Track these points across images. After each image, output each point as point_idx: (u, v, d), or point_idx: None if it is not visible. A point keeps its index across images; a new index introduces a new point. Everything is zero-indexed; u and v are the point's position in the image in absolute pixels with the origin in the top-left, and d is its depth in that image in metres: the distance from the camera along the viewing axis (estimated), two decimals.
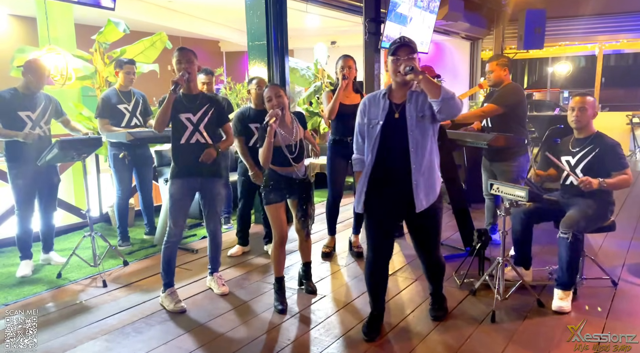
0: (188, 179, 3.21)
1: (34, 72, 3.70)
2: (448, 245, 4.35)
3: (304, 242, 3.37)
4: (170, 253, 3.23)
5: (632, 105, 10.59)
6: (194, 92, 3.20)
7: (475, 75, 10.49)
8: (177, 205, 3.21)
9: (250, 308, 3.24)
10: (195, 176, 3.22)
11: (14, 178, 3.75)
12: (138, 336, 2.89)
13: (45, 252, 4.07)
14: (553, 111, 8.21)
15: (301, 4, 5.78)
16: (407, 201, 2.67)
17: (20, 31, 9.04)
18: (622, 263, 3.88)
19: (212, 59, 12.46)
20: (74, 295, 3.47)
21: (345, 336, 2.86)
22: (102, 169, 5.31)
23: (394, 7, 5.65)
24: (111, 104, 4.27)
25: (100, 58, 5.10)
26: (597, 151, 3.24)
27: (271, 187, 3.13)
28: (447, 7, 7.41)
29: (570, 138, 3.44)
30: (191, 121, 3.15)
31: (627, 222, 4.75)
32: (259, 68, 4.75)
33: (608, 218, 3.32)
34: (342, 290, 3.52)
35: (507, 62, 4.02)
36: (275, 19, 4.63)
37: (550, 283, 3.35)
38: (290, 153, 3.09)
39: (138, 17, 8.52)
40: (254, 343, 2.79)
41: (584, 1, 9.29)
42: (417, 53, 2.66)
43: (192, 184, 3.24)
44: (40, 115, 3.78)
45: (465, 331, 2.88)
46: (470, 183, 5.51)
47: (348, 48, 5.11)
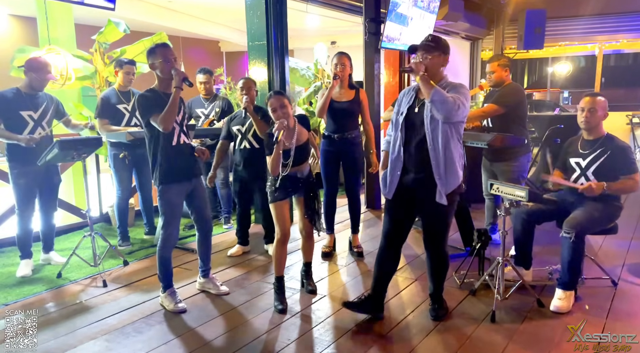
0: (182, 182, 3.16)
1: (37, 69, 3.69)
2: (448, 245, 4.33)
3: (306, 242, 3.38)
4: (168, 257, 3.21)
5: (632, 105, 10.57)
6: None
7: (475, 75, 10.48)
8: (176, 210, 3.16)
9: (250, 308, 3.24)
10: (189, 178, 3.19)
11: (15, 178, 3.75)
12: (138, 336, 2.89)
13: (45, 252, 4.07)
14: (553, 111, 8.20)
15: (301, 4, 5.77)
16: (423, 193, 2.81)
17: (20, 31, 9.03)
18: (622, 263, 3.88)
19: (212, 59, 12.45)
20: (74, 295, 3.47)
21: (345, 336, 2.86)
22: (102, 169, 5.31)
23: (394, 7, 5.64)
24: (110, 104, 4.27)
25: (100, 58, 5.10)
26: (608, 154, 3.20)
27: (276, 185, 3.14)
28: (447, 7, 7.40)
29: (578, 139, 3.40)
30: (176, 121, 3.07)
31: (627, 222, 4.74)
32: (259, 68, 4.75)
33: (613, 221, 3.30)
34: (342, 289, 3.52)
35: (507, 63, 4.02)
36: (275, 19, 4.63)
37: (551, 283, 3.35)
38: (284, 158, 3.07)
39: (138, 17, 8.51)
40: (254, 343, 2.79)
41: (584, 1, 9.29)
42: (435, 53, 2.78)
43: (185, 186, 3.19)
44: (42, 115, 3.78)
45: (465, 331, 2.88)
46: (470, 183, 5.50)
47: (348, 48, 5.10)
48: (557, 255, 3.20)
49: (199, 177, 3.30)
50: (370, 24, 5.65)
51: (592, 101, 3.24)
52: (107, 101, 4.27)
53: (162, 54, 3.01)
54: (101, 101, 4.27)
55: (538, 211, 3.37)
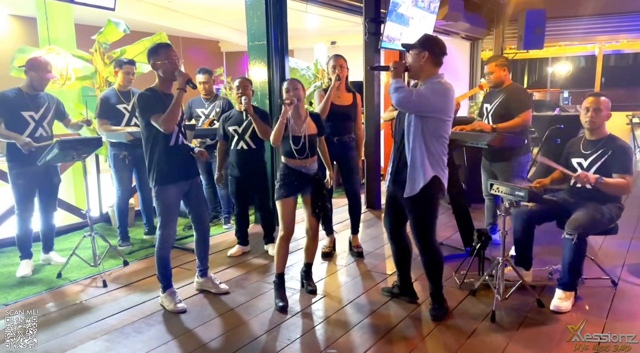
0: (179, 183, 3.15)
1: (37, 68, 3.69)
2: (448, 245, 4.35)
3: (312, 243, 3.39)
4: (167, 257, 3.21)
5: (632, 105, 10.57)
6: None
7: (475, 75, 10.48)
8: (172, 211, 3.16)
9: (250, 308, 3.24)
10: (186, 178, 3.18)
11: (14, 178, 3.75)
12: (138, 336, 2.89)
13: (45, 252, 4.07)
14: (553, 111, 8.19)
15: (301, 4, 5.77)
16: (398, 189, 2.99)
17: (20, 31, 9.03)
18: (622, 263, 3.88)
19: (212, 59, 12.44)
20: (74, 295, 3.47)
21: (345, 336, 2.86)
22: (102, 169, 5.31)
23: (394, 7, 5.64)
24: (110, 104, 4.27)
25: (100, 58, 5.09)
26: (609, 154, 3.19)
27: (283, 181, 3.19)
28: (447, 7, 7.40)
29: (580, 139, 3.40)
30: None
31: (627, 222, 4.74)
32: (259, 68, 4.74)
33: (614, 222, 3.30)
34: (342, 290, 3.52)
35: (505, 63, 4.02)
36: (275, 19, 4.63)
37: (551, 284, 3.35)
38: (294, 144, 3.16)
39: (138, 17, 8.51)
40: (254, 343, 2.79)
41: (584, 1, 9.29)
42: (415, 50, 2.87)
43: (182, 187, 3.18)
44: (43, 116, 3.78)
45: (465, 331, 2.88)
46: (470, 183, 5.51)
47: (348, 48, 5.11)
48: (557, 255, 3.20)
49: (196, 177, 3.30)
50: (370, 24, 5.65)
51: (596, 100, 3.23)
52: (107, 101, 4.27)
53: (166, 54, 2.99)
54: (101, 101, 4.27)
55: (538, 212, 3.37)
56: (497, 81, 4.01)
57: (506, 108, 3.93)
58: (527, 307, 3.14)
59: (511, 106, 3.91)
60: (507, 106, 3.93)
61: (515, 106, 3.91)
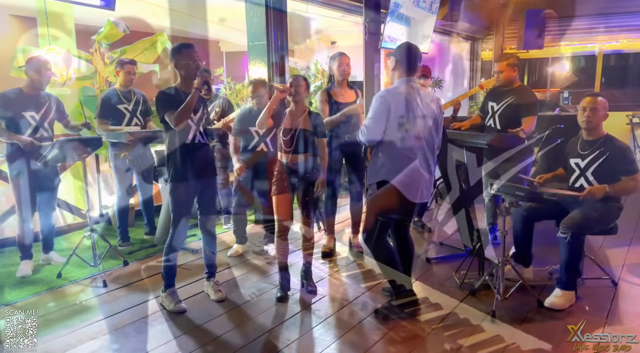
0: (193, 181, 3.16)
1: (37, 67, 3.70)
2: (448, 245, 4.35)
3: (305, 241, 3.40)
4: (174, 257, 3.22)
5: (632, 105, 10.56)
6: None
7: (475, 75, 10.49)
8: (184, 209, 3.17)
9: (250, 308, 3.24)
10: (200, 177, 3.18)
11: (14, 178, 3.74)
12: (138, 336, 2.89)
13: (45, 252, 4.07)
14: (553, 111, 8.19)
15: (301, 4, 5.77)
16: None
17: (20, 31, 9.03)
18: (622, 263, 3.87)
19: (212, 59, 12.44)
20: (74, 295, 3.46)
21: (345, 336, 2.86)
22: (102, 169, 5.30)
23: (396, 7, 5.64)
24: (111, 104, 4.26)
25: (100, 58, 5.09)
26: (607, 154, 3.19)
27: (275, 178, 3.25)
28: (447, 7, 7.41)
29: (577, 139, 3.39)
30: (193, 120, 3.10)
31: (627, 222, 4.72)
32: (259, 68, 4.75)
33: (612, 222, 3.29)
34: (342, 290, 3.52)
35: (516, 62, 3.97)
36: (275, 19, 4.63)
37: (551, 283, 3.35)
38: (284, 135, 3.24)
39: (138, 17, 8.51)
40: (254, 343, 2.79)
41: (584, 1, 9.28)
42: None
43: (195, 186, 3.19)
44: (44, 116, 3.78)
45: (466, 331, 2.88)
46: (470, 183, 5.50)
47: (348, 48, 5.10)
48: (557, 254, 3.20)
49: (211, 178, 3.29)
50: (370, 24, 5.65)
51: (594, 100, 3.23)
52: (107, 101, 4.26)
53: (189, 54, 3.06)
54: (101, 101, 4.27)
55: (537, 209, 3.37)
56: (506, 80, 3.98)
57: (515, 110, 3.91)
58: (527, 307, 3.14)
59: (520, 108, 3.90)
60: (516, 108, 3.91)
61: (523, 110, 3.89)
